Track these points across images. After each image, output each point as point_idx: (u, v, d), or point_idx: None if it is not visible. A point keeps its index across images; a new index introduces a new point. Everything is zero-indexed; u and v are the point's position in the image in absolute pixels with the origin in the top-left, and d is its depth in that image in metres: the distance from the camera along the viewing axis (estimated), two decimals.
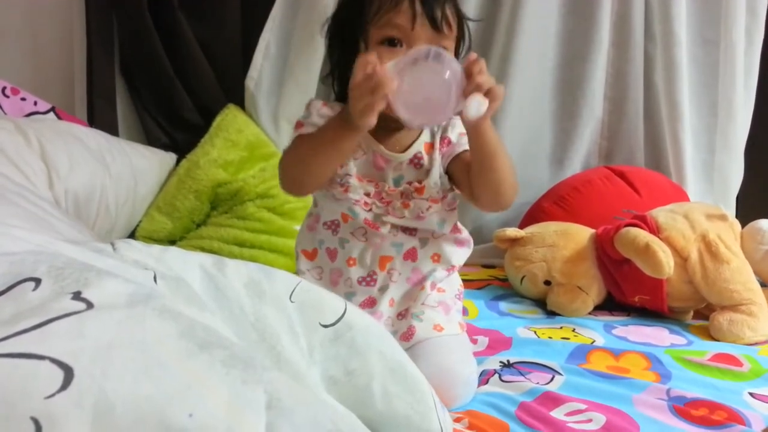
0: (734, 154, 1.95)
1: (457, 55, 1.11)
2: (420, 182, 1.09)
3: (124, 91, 1.98)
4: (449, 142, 1.12)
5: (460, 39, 1.10)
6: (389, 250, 1.13)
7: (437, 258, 1.16)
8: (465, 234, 1.18)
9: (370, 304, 1.13)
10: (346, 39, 1.08)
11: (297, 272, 1.18)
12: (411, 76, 0.90)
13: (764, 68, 1.94)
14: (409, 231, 1.14)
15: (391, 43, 1.02)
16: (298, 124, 1.10)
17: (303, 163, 1.04)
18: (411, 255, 1.14)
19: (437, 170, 1.10)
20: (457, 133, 1.12)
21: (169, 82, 1.91)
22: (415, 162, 1.09)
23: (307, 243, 1.18)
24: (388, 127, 1.05)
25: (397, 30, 1.01)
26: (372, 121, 0.92)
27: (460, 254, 1.18)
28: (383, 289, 1.14)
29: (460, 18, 1.08)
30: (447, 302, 1.14)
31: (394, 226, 1.12)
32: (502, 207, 1.09)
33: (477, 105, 0.92)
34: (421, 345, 1.06)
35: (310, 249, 1.17)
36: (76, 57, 1.94)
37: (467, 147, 1.09)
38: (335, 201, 1.11)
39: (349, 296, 1.12)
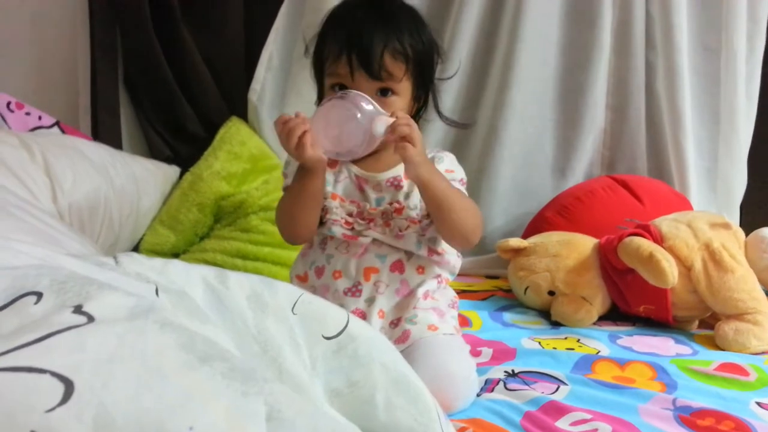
0: (737, 162, 1.94)
1: (424, 84, 1.17)
2: (399, 203, 1.14)
3: (127, 105, 1.99)
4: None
5: (419, 65, 1.14)
6: (373, 261, 1.16)
7: (422, 270, 1.18)
8: (446, 257, 1.20)
9: (359, 316, 1.13)
10: (317, 72, 1.19)
11: None
12: (323, 115, 1.05)
13: (766, 75, 1.93)
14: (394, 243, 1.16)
15: (342, 87, 1.10)
16: (283, 176, 1.21)
17: (288, 215, 1.15)
18: (398, 267, 1.17)
19: (417, 195, 1.14)
20: (444, 167, 1.17)
21: (173, 95, 1.92)
22: (395, 184, 1.14)
23: (300, 268, 1.23)
24: (375, 158, 1.14)
25: (341, 78, 1.10)
26: (308, 154, 1.03)
27: (444, 271, 1.21)
28: (370, 301, 1.16)
29: (409, 56, 1.11)
30: (440, 308, 1.17)
31: (376, 240, 1.15)
32: (468, 246, 1.16)
33: (382, 124, 1.04)
34: (416, 345, 1.08)
35: (302, 273, 1.22)
36: (79, 70, 1.95)
37: (455, 184, 1.15)
38: (322, 226, 1.16)
39: None
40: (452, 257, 1.21)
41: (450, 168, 1.18)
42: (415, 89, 1.15)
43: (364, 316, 1.14)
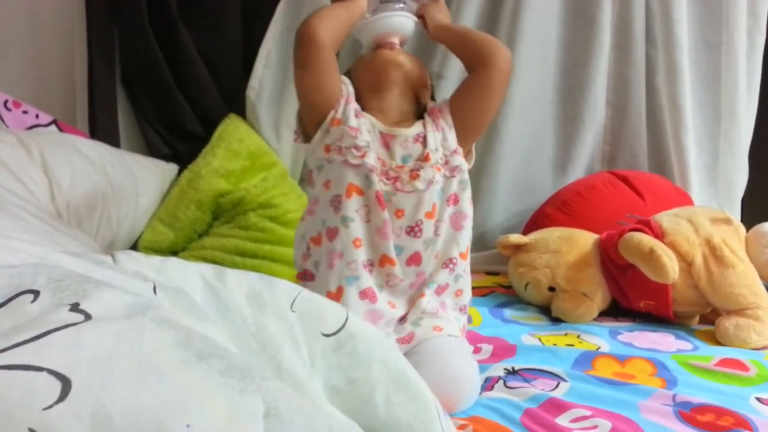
0: (738, 158, 1.94)
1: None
2: (426, 155, 1.13)
3: (125, 103, 1.99)
4: (437, 108, 1.21)
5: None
6: (390, 251, 1.12)
7: (437, 255, 1.15)
8: (464, 209, 1.17)
9: (371, 296, 1.11)
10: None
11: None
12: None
13: (767, 70, 1.93)
14: (414, 231, 1.13)
15: None
16: (296, 138, 1.22)
17: (326, 10, 1.16)
18: (414, 260, 1.14)
19: (436, 136, 1.16)
20: (441, 100, 1.24)
21: (170, 93, 1.92)
22: (420, 140, 1.15)
23: (312, 229, 1.16)
24: (386, 114, 1.17)
25: None
26: None
27: (463, 236, 1.17)
28: (380, 288, 1.13)
29: None
30: (446, 303, 1.16)
31: (397, 225, 1.12)
32: (507, 59, 1.18)
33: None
34: (421, 345, 1.07)
35: (316, 234, 1.15)
36: (77, 69, 1.95)
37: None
38: (349, 167, 1.10)
39: (350, 280, 1.10)
40: (468, 221, 1.18)
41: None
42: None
43: (374, 297, 1.11)
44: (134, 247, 1.74)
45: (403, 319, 1.13)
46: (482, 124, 1.23)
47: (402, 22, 1.23)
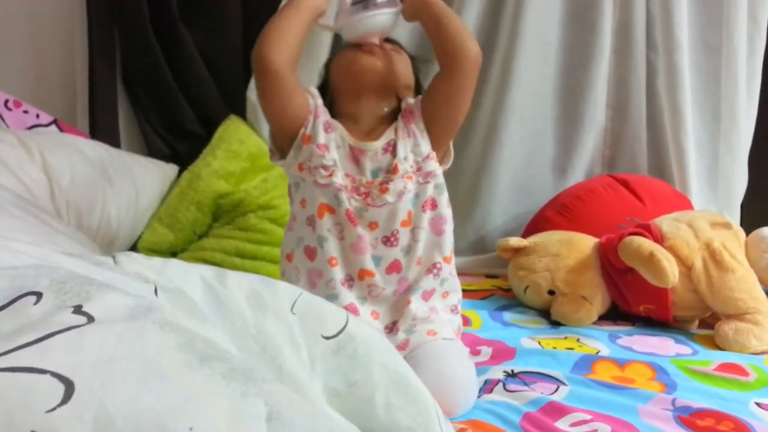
0: (738, 161, 1.94)
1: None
2: (395, 167, 1.12)
3: (125, 103, 1.98)
4: (410, 110, 1.17)
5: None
6: (368, 264, 1.12)
7: (420, 260, 1.15)
8: (442, 212, 1.16)
9: (353, 311, 1.10)
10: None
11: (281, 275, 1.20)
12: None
13: (767, 74, 1.93)
14: (390, 241, 1.13)
15: None
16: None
17: (276, 26, 1.11)
18: (395, 267, 1.14)
19: (406, 143, 1.14)
20: (412, 101, 1.19)
21: (171, 94, 1.91)
22: (390, 150, 1.13)
23: (288, 245, 1.18)
24: (360, 122, 1.16)
25: None
26: None
27: (444, 250, 1.16)
28: (362, 300, 1.14)
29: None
30: (436, 307, 1.16)
31: (371, 236, 1.12)
32: (474, 52, 1.13)
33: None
34: (416, 351, 1.07)
35: (290, 250, 1.17)
36: (77, 69, 1.95)
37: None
38: (318, 188, 1.11)
39: (331, 298, 1.10)
40: (448, 225, 1.17)
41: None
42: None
43: (356, 311, 1.11)
44: (134, 247, 1.73)
45: (393, 329, 1.13)
46: (454, 126, 1.18)
47: (382, 21, 1.16)
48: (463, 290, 1.24)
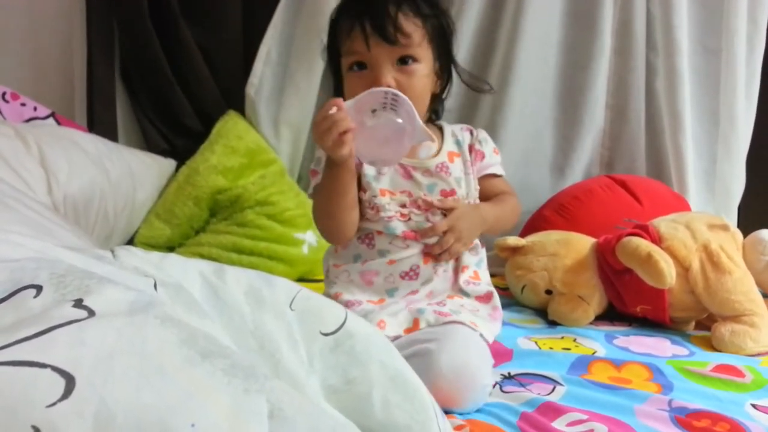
0: (736, 163, 1.95)
1: (440, 44, 1.16)
2: (452, 190, 1.15)
3: (124, 97, 1.98)
4: (483, 156, 1.20)
5: (436, 30, 1.14)
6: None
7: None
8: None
9: (412, 293, 1.16)
10: (334, 66, 1.16)
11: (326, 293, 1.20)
12: (371, 121, 1.01)
13: (766, 77, 1.94)
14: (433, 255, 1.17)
15: (359, 66, 1.09)
16: (313, 173, 1.17)
17: (328, 215, 1.12)
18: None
19: (467, 183, 1.18)
20: (491, 148, 1.21)
21: (170, 89, 1.91)
22: (444, 169, 1.15)
23: (340, 259, 1.19)
24: None
25: (357, 55, 1.08)
26: (344, 152, 1.00)
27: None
28: (426, 283, 1.17)
29: (426, 15, 1.11)
30: (479, 309, 1.19)
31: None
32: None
33: (427, 149, 1.12)
34: (454, 326, 1.07)
35: (341, 263, 1.19)
36: (76, 62, 1.94)
37: (498, 169, 1.22)
38: (369, 222, 1.14)
39: (390, 292, 1.15)
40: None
41: (495, 147, 1.25)
42: (436, 58, 1.15)
43: (416, 293, 1.16)
44: (131, 242, 1.73)
45: (439, 303, 1.15)
46: None
47: (406, 151, 1.07)
48: None
